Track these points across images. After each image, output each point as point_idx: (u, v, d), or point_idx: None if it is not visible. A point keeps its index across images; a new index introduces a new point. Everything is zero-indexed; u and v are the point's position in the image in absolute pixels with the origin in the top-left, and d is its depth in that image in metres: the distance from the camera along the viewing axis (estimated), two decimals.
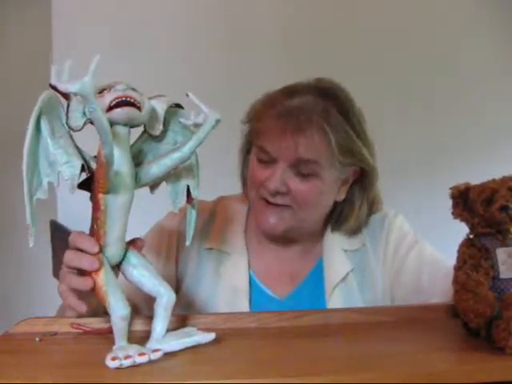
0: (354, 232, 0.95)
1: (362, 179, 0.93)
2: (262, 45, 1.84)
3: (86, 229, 0.61)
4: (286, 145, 0.84)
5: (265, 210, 0.88)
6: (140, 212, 0.71)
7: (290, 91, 0.89)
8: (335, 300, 0.90)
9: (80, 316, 0.69)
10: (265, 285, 0.93)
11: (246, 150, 0.96)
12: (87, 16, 1.79)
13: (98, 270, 0.58)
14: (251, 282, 0.92)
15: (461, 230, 0.65)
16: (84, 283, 0.60)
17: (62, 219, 1.75)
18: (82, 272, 0.61)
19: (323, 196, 0.89)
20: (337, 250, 0.94)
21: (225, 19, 1.84)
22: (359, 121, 0.89)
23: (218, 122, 0.61)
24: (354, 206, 0.93)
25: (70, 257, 0.62)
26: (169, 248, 0.94)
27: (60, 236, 1.62)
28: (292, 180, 0.86)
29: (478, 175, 0.65)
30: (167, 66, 1.81)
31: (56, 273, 1.60)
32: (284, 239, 0.94)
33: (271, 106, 0.88)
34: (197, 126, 0.62)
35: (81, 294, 0.66)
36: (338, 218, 0.94)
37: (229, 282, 0.91)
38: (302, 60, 1.74)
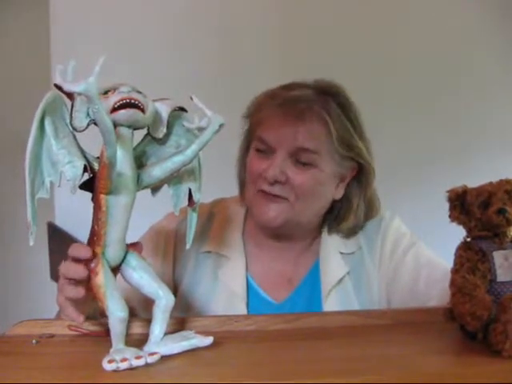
0: (352, 232, 0.96)
1: (359, 177, 0.94)
2: (261, 45, 1.84)
3: (83, 230, 0.62)
4: (286, 133, 0.85)
5: (263, 202, 0.88)
6: (141, 214, 0.71)
7: (290, 86, 0.91)
8: (331, 303, 0.90)
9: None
10: (262, 289, 0.94)
11: (245, 148, 0.96)
12: (85, 16, 1.79)
13: (95, 268, 0.58)
14: (248, 286, 0.93)
15: (458, 233, 0.66)
16: (77, 292, 0.61)
17: (60, 221, 1.74)
18: (78, 282, 0.61)
19: (321, 188, 0.89)
20: (333, 253, 0.94)
21: (225, 19, 1.84)
22: (357, 117, 0.91)
23: (221, 126, 0.62)
24: (351, 204, 0.94)
25: (66, 268, 0.62)
26: (166, 249, 0.94)
27: (58, 238, 1.61)
28: (291, 170, 0.86)
29: (476, 178, 0.66)
30: (167, 67, 1.80)
31: (53, 275, 1.59)
32: (282, 236, 0.94)
33: (272, 97, 0.90)
34: (200, 129, 0.63)
35: (79, 303, 0.66)
36: (335, 217, 0.95)
37: (226, 286, 0.91)
38: (302, 60, 1.75)
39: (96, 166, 0.58)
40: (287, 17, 1.85)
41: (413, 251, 0.94)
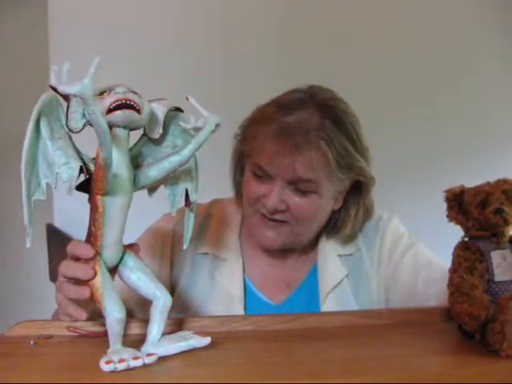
0: (350, 239, 0.96)
1: (358, 187, 0.92)
2: (261, 45, 1.84)
3: (82, 232, 0.61)
4: (284, 164, 0.83)
5: (262, 225, 0.88)
6: (138, 215, 0.71)
7: (285, 107, 0.86)
8: (329, 306, 0.90)
9: (76, 320, 0.69)
10: (260, 291, 0.93)
11: (238, 158, 0.95)
12: (84, 17, 1.79)
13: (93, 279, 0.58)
14: (246, 288, 0.93)
15: (456, 233, 0.65)
16: (81, 293, 0.60)
17: (58, 222, 1.74)
18: (78, 281, 0.61)
19: (321, 210, 0.89)
20: (331, 256, 0.94)
21: (225, 20, 1.84)
22: (355, 129, 0.88)
23: (217, 126, 0.62)
24: (349, 213, 0.93)
25: (65, 266, 0.62)
26: (163, 250, 0.94)
27: (57, 239, 1.61)
28: (290, 197, 0.85)
29: (476, 177, 0.66)
30: (166, 67, 1.81)
31: (52, 276, 1.59)
32: (280, 251, 0.94)
33: (266, 123, 0.85)
34: (196, 129, 0.62)
35: (79, 302, 0.66)
36: (334, 225, 0.94)
37: (224, 288, 0.91)
38: (302, 61, 1.75)
39: (92, 167, 0.58)
40: (287, 17, 1.85)
41: (411, 252, 0.94)
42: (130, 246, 0.63)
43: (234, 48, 1.83)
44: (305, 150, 0.82)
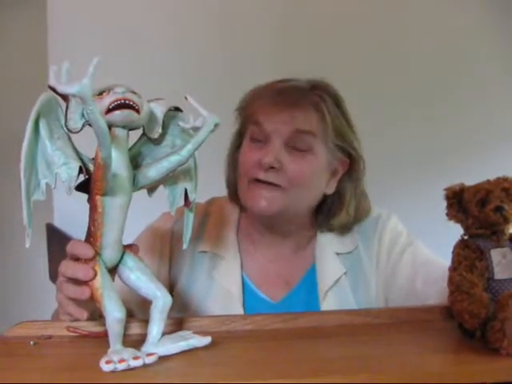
0: (344, 229, 0.96)
1: (350, 172, 0.94)
2: (261, 46, 1.84)
3: (82, 232, 0.61)
4: (282, 119, 0.86)
5: (256, 191, 0.88)
6: (137, 214, 0.71)
7: (285, 79, 0.93)
8: (328, 304, 0.90)
9: (76, 320, 0.69)
10: (258, 288, 0.94)
11: (237, 144, 0.96)
12: (83, 17, 1.79)
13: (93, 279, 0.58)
14: (244, 286, 0.93)
15: (456, 231, 0.65)
16: (81, 292, 0.60)
17: (58, 222, 1.74)
18: (78, 281, 0.61)
19: (315, 178, 0.90)
20: (329, 254, 0.94)
21: (224, 20, 1.84)
22: (348, 113, 0.93)
23: (216, 125, 0.62)
24: (343, 199, 0.94)
25: (65, 266, 0.62)
26: (162, 249, 0.94)
27: (56, 239, 1.61)
28: (286, 158, 0.87)
29: (476, 176, 0.66)
30: (165, 67, 1.81)
31: (52, 276, 1.59)
32: (276, 228, 0.94)
33: (267, 87, 0.92)
34: (195, 129, 0.62)
35: (79, 302, 0.66)
36: (327, 212, 0.95)
37: (222, 286, 0.91)
38: (302, 62, 1.74)
39: (91, 167, 0.58)
40: (287, 17, 1.86)
41: (410, 250, 0.94)
42: (129, 247, 0.63)
43: (233, 48, 1.84)
44: (302, 105, 0.87)
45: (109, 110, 0.55)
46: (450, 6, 1.89)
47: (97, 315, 0.72)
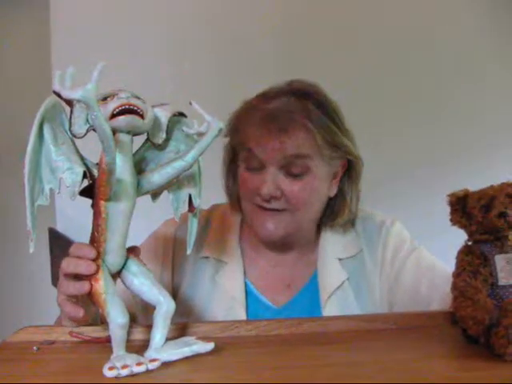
0: (347, 225, 0.96)
1: (349, 171, 0.94)
2: (261, 46, 1.84)
3: (84, 236, 0.61)
4: (272, 146, 0.85)
5: (261, 216, 0.88)
6: (141, 220, 0.71)
7: (266, 97, 0.90)
8: (330, 310, 0.89)
9: (79, 325, 0.69)
10: (261, 293, 0.93)
11: (230, 161, 0.96)
12: (86, 18, 1.79)
13: (95, 274, 0.58)
14: (247, 291, 0.92)
15: (457, 236, 0.65)
16: (81, 286, 0.59)
17: (61, 227, 1.74)
18: (79, 278, 0.61)
19: (317, 193, 0.89)
20: (331, 260, 0.94)
21: (225, 21, 1.85)
22: (337, 113, 0.90)
23: (221, 131, 0.62)
24: (345, 199, 0.94)
25: (67, 262, 0.62)
26: (165, 255, 0.94)
27: (59, 244, 1.61)
28: (284, 182, 0.86)
29: (479, 180, 0.66)
30: (167, 68, 1.81)
31: (55, 281, 1.59)
32: (281, 245, 0.94)
33: (252, 110, 0.89)
34: (200, 134, 0.62)
35: (79, 303, 0.66)
36: (330, 213, 0.95)
37: (225, 291, 0.91)
38: (301, 61, 1.75)
39: (95, 172, 0.58)
40: (287, 17, 1.85)
41: (414, 256, 0.94)
42: (131, 249, 0.63)
43: (233, 49, 1.84)
44: (290, 131, 0.85)
45: (113, 116, 0.55)
46: (450, 6, 1.89)
47: (98, 320, 0.72)
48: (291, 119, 0.85)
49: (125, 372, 0.53)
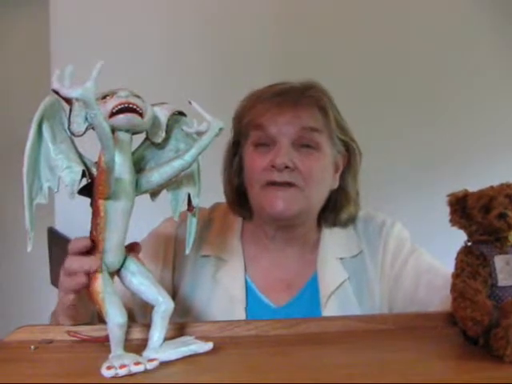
0: (349, 221, 0.97)
1: (350, 166, 0.96)
2: (261, 46, 1.84)
3: (83, 235, 0.61)
4: (287, 119, 0.87)
5: (272, 193, 0.87)
6: (140, 219, 0.71)
7: (278, 83, 0.93)
8: (330, 310, 0.89)
9: (76, 323, 0.69)
10: (261, 293, 0.93)
11: (233, 155, 0.96)
12: (85, 17, 1.79)
13: (94, 273, 0.58)
14: (248, 290, 0.92)
15: (456, 236, 0.65)
16: (79, 280, 0.59)
17: (60, 226, 1.74)
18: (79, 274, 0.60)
19: (325, 173, 0.91)
20: (331, 260, 0.94)
21: (225, 21, 1.85)
22: (338, 109, 0.94)
23: (221, 130, 0.62)
24: (348, 193, 0.96)
25: (70, 261, 0.61)
26: (165, 254, 0.94)
27: (58, 243, 1.60)
28: (296, 157, 0.87)
29: (478, 181, 0.66)
30: (167, 67, 1.81)
31: (54, 280, 1.59)
32: (288, 233, 0.94)
33: (264, 91, 0.92)
34: (199, 133, 0.62)
35: (79, 304, 0.66)
36: (333, 208, 0.96)
37: (225, 290, 0.91)
38: (301, 61, 1.75)
39: (94, 171, 0.58)
40: (286, 17, 1.86)
41: (413, 258, 0.94)
42: (131, 247, 0.63)
43: (233, 49, 1.84)
44: (304, 105, 0.88)
45: (112, 114, 0.55)
46: (450, 5, 1.89)
47: (96, 319, 0.72)
48: (303, 94, 0.89)
49: (123, 371, 0.53)
